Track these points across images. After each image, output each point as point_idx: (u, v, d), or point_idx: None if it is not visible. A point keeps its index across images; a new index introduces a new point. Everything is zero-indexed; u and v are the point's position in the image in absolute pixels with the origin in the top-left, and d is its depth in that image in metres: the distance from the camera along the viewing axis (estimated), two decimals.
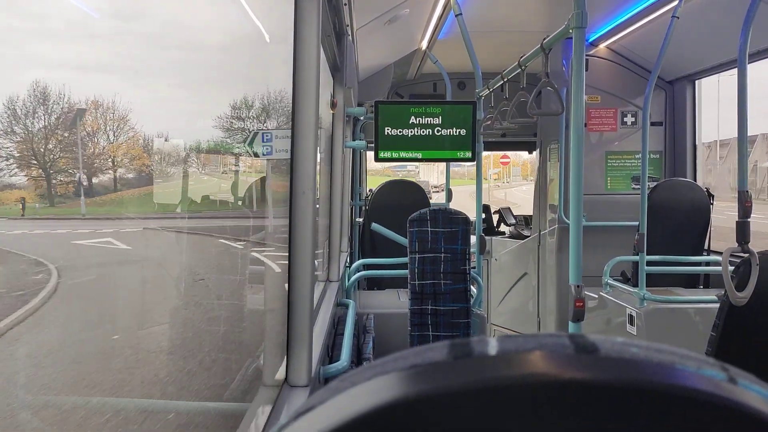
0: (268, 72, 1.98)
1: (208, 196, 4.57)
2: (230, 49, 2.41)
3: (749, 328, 2.86)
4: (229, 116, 3.70)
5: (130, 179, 3.03)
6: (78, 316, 2.88)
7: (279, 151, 2.84)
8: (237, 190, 4.56)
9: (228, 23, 1.70)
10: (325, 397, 0.33)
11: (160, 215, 3.62)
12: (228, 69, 3.22)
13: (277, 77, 1.80)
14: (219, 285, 4.47)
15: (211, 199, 4.59)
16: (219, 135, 3.77)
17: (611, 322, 4.70)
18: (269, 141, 2.91)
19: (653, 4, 4.47)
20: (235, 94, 3.47)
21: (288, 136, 1.68)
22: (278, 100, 2.16)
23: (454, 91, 6.13)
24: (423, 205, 5.18)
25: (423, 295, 3.85)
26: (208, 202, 4.55)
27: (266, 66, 1.97)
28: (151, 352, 2.72)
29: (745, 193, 3.02)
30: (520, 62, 3.56)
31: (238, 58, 2.21)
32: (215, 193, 4.59)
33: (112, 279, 3.38)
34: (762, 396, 0.29)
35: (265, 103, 3.38)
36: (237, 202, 4.57)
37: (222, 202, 4.73)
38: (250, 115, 3.67)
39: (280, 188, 2.41)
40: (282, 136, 2.81)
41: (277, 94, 2.02)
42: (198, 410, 1.36)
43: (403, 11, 4.21)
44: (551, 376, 0.29)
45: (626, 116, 5.70)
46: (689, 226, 4.95)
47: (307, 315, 1.62)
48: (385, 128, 4.06)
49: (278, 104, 2.36)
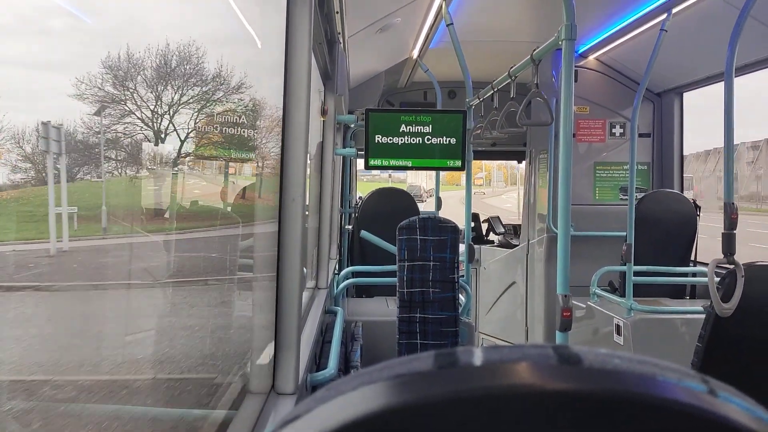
0: (260, 78, 1.98)
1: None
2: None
3: (735, 339, 2.88)
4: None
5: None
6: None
7: None
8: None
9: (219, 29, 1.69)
10: (311, 407, 0.33)
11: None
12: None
13: (269, 83, 1.80)
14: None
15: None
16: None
17: (598, 331, 4.72)
18: None
19: (642, 17, 4.52)
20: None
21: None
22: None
23: (445, 100, 6.16)
24: (412, 212, 5.19)
25: (411, 303, 3.85)
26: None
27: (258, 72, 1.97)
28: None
29: (731, 205, 3.05)
30: (510, 72, 3.58)
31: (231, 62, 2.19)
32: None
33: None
34: (742, 408, 0.30)
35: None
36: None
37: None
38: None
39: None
40: None
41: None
42: (182, 417, 1.35)
43: (395, 20, 4.23)
44: (535, 386, 0.30)
45: (615, 127, 5.74)
46: (676, 237, 4.99)
47: (295, 322, 1.61)
48: (375, 136, 4.06)
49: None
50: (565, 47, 2.50)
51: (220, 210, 2.40)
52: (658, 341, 4.20)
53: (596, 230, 5.51)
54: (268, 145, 2.24)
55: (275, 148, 1.78)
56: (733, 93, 3.17)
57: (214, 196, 2.25)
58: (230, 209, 2.40)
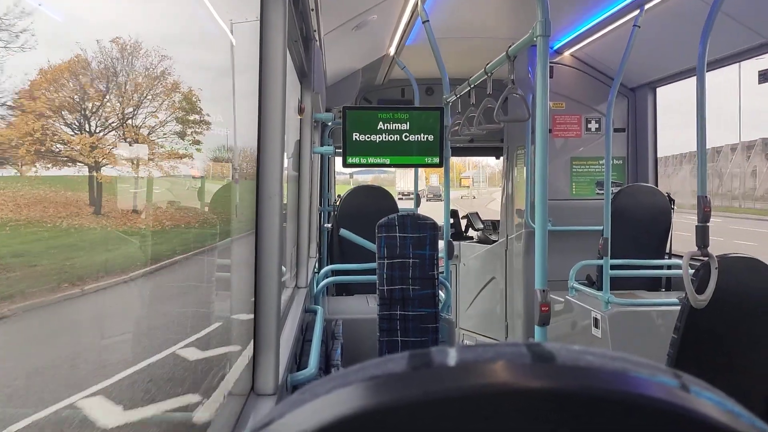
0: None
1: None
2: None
3: (709, 330, 2.94)
4: None
5: None
6: None
7: None
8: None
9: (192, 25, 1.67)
10: (285, 411, 0.33)
11: None
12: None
13: (244, 81, 1.78)
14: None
15: None
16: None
17: (577, 325, 4.78)
18: None
19: (615, 13, 4.58)
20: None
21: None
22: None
23: (422, 96, 6.17)
24: (391, 210, 5.18)
25: (392, 300, 3.86)
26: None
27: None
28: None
29: (704, 198, 3.10)
30: (486, 69, 3.60)
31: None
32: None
33: None
34: (714, 403, 0.30)
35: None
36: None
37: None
38: None
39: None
40: None
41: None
42: (160, 420, 1.34)
43: (371, 17, 4.22)
44: (509, 385, 0.29)
45: (590, 122, 5.81)
46: (652, 230, 5.06)
47: (274, 322, 1.60)
48: (353, 134, 4.06)
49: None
50: (540, 43, 2.52)
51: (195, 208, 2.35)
52: (635, 333, 4.26)
53: (573, 225, 5.57)
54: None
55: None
56: (705, 87, 3.22)
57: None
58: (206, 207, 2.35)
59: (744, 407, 0.31)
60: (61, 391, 0.99)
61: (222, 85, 1.83)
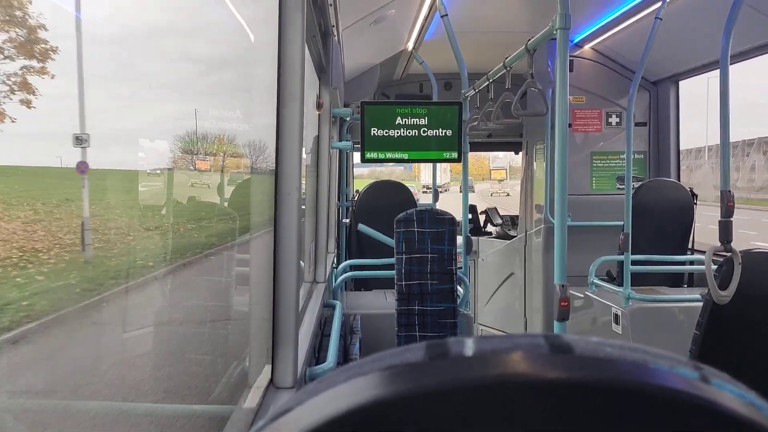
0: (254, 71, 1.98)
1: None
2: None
3: (733, 326, 2.89)
4: None
5: None
6: None
7: None
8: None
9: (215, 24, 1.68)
10: (303, 399, 0.33)
11: None
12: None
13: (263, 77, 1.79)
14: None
15: None
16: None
17: (597, 321, 4.73)
18: None
19: (637, 6, 4.51)
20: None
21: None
22: None
23: (441, 91, 6.15)
24: (410, 205, 5.18)
25: (410, 295, 3.86)
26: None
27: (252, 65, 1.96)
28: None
29: (727, 192, 3.05)
30: (505, 63, 3.57)
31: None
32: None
33: None
34: (735, 395, 0.30)
35: None
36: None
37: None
38: None
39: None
40: None
41: None
42: (182, 413, 1.35)
43: (389, 12, 4.21)
44: (526, 376, 0.29)
45: (611, 117, 5.74)
46: (673, 226, 5.00)
47: (293, 316, 1.61)
48: (371, 129, 4.06)
49: None
50: (560, 37, 2.49)
51: (216, 205, 2.38)
52: (656, 330, 4.21)
53: (593, 220, 5.51)
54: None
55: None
56: (729, 81, 3.16)
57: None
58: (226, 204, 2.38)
59: (766, 401, 0.30)
60: None
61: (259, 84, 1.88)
